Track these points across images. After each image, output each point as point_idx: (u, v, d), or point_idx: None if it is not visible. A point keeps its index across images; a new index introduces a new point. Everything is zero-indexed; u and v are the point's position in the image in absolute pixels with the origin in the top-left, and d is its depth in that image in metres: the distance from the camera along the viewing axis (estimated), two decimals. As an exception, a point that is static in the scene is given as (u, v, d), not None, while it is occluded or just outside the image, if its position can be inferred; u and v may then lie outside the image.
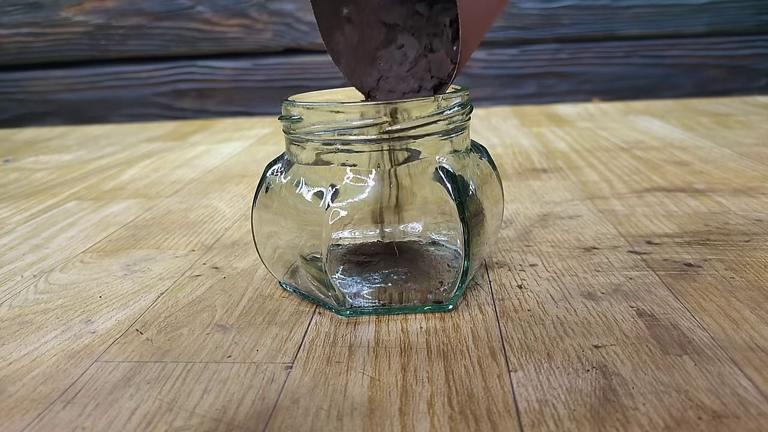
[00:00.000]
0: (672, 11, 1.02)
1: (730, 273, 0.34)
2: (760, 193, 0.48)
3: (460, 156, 0.31)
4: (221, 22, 1.06)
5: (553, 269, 0.35)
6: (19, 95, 1.12)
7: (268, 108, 1.08)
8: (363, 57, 0.33)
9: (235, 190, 0.57)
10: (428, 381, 0.25)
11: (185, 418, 0.23)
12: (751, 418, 0.22)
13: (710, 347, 0.26)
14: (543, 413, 0.22)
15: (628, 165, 0.59)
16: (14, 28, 1.08)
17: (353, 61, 0.33)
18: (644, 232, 0.41)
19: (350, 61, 0.33)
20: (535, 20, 1.03)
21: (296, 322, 0.30)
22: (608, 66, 1.05)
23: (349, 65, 0.33)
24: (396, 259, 0.33)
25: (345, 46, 0.33)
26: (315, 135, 0.29)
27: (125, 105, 1.10)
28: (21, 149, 0.88)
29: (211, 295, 0.34)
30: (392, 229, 0.33)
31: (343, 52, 0.33)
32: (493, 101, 1.06)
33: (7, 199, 0.59)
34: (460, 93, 0.30)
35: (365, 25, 0.32)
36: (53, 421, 0.23)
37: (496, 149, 0.70)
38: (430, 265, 0.32)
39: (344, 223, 0.31)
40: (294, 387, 0.25)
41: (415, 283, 0.31)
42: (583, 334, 0.28)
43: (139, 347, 0.29)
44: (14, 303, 0.35)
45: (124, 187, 0.61)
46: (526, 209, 0.47)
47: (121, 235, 0.46)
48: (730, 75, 1.04)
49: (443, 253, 0.34)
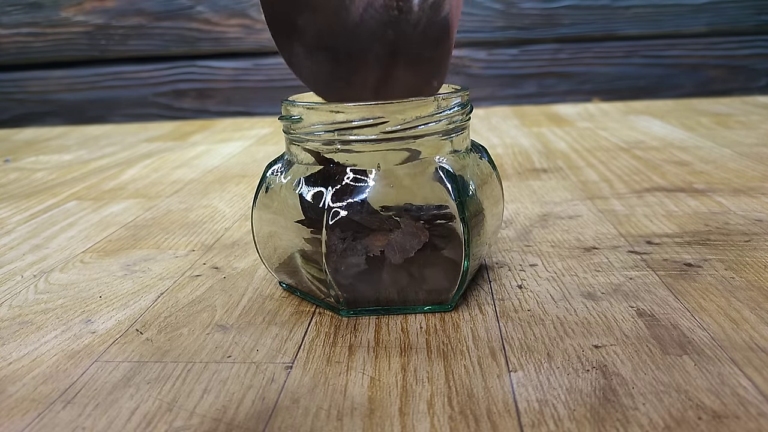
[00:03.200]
0: (672, 11, 1.02)
1: (730, 273, 0.34)
2: (760, 193, 0.48)
3: (460, 156, 0.31)
4: (221, 22, 1.06)
5: (553, 269, 0.35)
6: (19, 95, 1.12)
7: (268, 108, 1.08)
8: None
9: (235, 190, 0.57)
10: (428, 381, 0.25)
11: (185, 418, 0.23)
12: (751, 418, 0.22)
13: (710, 347, 0.26)
14: (543, 413, 0.22)
15: (628, 165, 0.59)
16: (14, 28, 1.08)
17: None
18: (644, 232, 0.41)
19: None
20: (535, 20, 1.03)
21: (296, 322, 0.30)
22: (608, 66, 1.05)
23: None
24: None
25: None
26: (315, 135, 0.29)
27: (125, 105, 1.10)
28: (21, 149, 0.88)
29: (211, 295, 0.34)
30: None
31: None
32: (493, 101, 1.06)
33: (7, 199, 0.59)
34: (460, 93, 0.30)
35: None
36: (53, 421, 0.23)
37: (496, 149, 0.70)
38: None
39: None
40: (294, 387, 0.25)
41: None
42: (583, 334, 0.28)
43: (139, 347, 0.29)
44: (14, 303, 0.35)
45: (124, 187, 0.61)
46: (526, 209, 0.47)
47: (121, 235, 0.46)
48: (730, 75, 1.04)
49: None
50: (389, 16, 0.29)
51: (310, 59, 0.31)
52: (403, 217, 0.29)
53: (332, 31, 0.30)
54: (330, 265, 0.29)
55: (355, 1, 0.29)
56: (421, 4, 0.29)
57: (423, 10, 0.29)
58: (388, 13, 0.29)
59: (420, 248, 0.29)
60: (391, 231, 0.29)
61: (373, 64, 0.30)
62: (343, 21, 0.29)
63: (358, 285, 0.30)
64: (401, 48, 0.30)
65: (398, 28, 0.30)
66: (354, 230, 0.29)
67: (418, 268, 0.29)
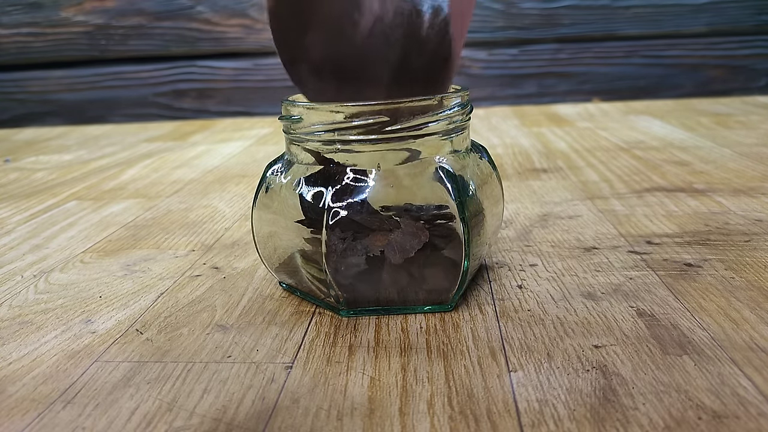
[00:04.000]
0: (672, 11, 1.02)
1: (730, 273, 0.34)
2: (760, 193, 0.48)
3: (460, 156, 0.31)
4: (221, 22, 1.06)
5: (553, 269, 0.35)
6: (19, 95, 1.12)
7: (268, 108, 1.08)
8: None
9: (235, 190, 0.57)
10: (428, 381, 0.25)
11: (185, 418, 0.23)
12: (751, 418, 0.22)
13: (710, 347, 0.26)
14: (543, 413, 0.22)
15: (628, 165, 0.59)
16: (14, 28, 1.08)
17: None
18: (644, 232, 0.41)
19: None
20: (535, 20, 1.03)
21: (296, 322, 0.30)
22: (608, 66, 1.05)
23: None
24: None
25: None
26: (315, 135, 0.29)
27: (125, 105, 1.10)
28: (21, 149, 0.88)
29: (211, 295, 0.34)
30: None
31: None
32: (493, 101, 1.06)
33: (7, 199, 0.59)
34: (460, 93, 0.30)
35: None
36: (53, 421, 0.23)
37: (496, 149, 0.70)
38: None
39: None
40: (294, 387, 0.25)
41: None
42: (583, 334, 0.28)
43: (139, 347, 0.29)
44: (14, 303, 0.35)
45: (124, 187, 0.61)
46: (526, 209, 0.47)
47: (121, 235, 0.46)
48: (730, 75, 1.04)
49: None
50: (397, 35, 0.29)
51: (316, 77, 0.31)
52: (403, 217, 0.29)
53: (338, 49, 0.30)
54: (330, 265, 0.29)
55: (363, 19, 0.29)
56: (430, 22, 0.29)
57: (432, 28, 0.29)
58: (396, 32, 0.29)
59: (420, 248, 0.29)
60: (391, 231, 0.29)
61: (378, 83, 0.30)
62: (350, 39, 0.29)
63: (358, 285, 0.30)
64: (408, 66, 0.30)
65: (406, 47, 0.30)
66: (354, 230, 0.29)
67: (418, 268, 0.29)
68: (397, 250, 0.29)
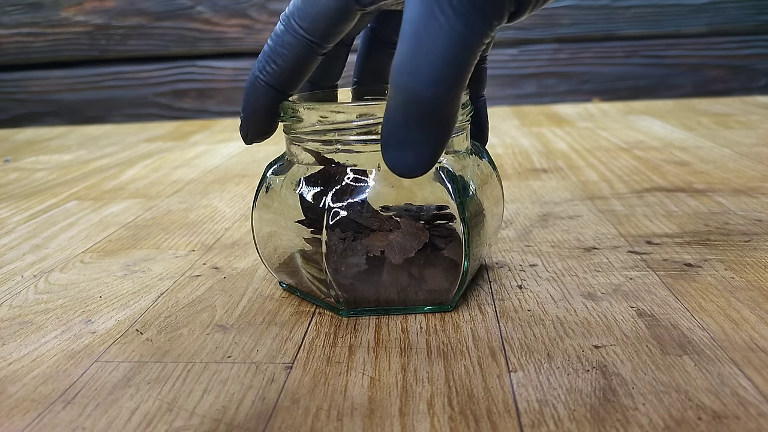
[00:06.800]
0: (672, 11, 1.02)
1: (730, 273, 0.34)
2: (760, 193, 0.48)
3: (460, 156, 0.31)
4: (221, 22, 1.06)
5: (553, 269, 0.35)
6: (19, 95, 1.12)
7: (268, 108, 1.08)
8: None
9: (235, 190, 0.57)
10: (428, 381, 0.25)
11: (185, 418, 0.23)
12: (751, 418, 0.22)
13: (710, 347, 0.26)
14: (543, 413, 0.22)
15: (628, 165, 0.59)
16: (14, 28, 1.08)
17: None
18: (644, 232, 0.41)
19: None
20: (535, 20, 1.03)
21: (296, 322, 0.30)
22: (608, 66, 1.05)
23: None
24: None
25: None
26: (315, 135, 0.29)
27: (125, 105, 1.10)
28: (21, 149, 0.88)
29: (211, 295, 0.34)
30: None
31: None
32: (493, 101, 1.06)
33: (7, 199, 0.59)
34: (460, 93, 0.30)
35: None
36: (53, 422, 0.23)
37: (496, 149, 0.70)
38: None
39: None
40: (294, 387, 0.25)
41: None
42: (583, 334, 0.28)
43: (139, 347, 0.29)
44: (14, 303, 0.35)
45: (124, 187, 0.61)
46: (526, 209, 0.47)
47: (121, 235, 0.46)
48: (730, 75, 1.04)
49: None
50: None
51: None
52: (403, 218, 0.29)
53: None
54: (330, 266, 0.29)
55: None
56: None
57: None
58: None
59: (420, 248, 0.29)
60: (391, 231, 0.29)
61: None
62: None
63: (358, 285, 0.30)
64: None
65: None
66: (354, 230, 0.29)
67: (418, 269, 0.29)
68: (398, 250, 0.29)
